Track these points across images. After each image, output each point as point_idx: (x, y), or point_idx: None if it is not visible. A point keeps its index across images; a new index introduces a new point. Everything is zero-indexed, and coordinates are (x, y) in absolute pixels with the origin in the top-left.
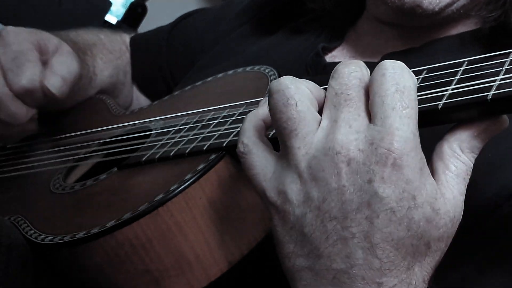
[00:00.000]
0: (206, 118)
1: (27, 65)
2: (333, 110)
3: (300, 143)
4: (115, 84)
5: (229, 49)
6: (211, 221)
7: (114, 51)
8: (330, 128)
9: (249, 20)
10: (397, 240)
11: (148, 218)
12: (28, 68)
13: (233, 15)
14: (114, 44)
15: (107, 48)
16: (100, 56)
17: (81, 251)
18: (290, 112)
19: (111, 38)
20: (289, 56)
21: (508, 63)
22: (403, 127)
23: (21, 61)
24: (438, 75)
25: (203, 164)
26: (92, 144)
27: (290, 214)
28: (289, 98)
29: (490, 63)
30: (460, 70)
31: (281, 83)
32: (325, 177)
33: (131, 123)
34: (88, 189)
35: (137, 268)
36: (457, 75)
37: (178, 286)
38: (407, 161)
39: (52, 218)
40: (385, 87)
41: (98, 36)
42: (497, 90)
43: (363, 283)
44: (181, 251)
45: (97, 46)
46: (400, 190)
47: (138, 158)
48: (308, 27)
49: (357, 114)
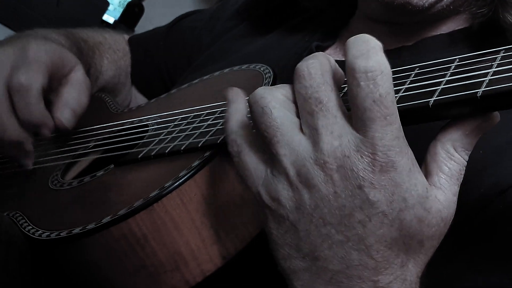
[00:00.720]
0: (203, 114)
1: (33, 68)
2: (309, 118)
3: (286, 151)
4: (116, 84)
5: (225, 49)
6: (205, 217)
7: (118, 51)
8: (313, 137)
9: (244, 21)
10: (390, 240)
11: (144, 214)
12: (32, 70)
13: (229, 16)
14: (118, 44)
15: (112, 48)
16: (107, 56)
17: (77, 247)
18: (267, 121)
19: (115, 38)
20: (284, 55)
21: (498, 59)
22: (386, 136)
23: (31, 65)
24: (429, 71)
25: (198, 161)
26: (90, 140)
27: (284, 218)
28: (264, 107)
29: (481, 60)
30: (452, 67)
31: (255, 95)
32: (316, 184)
33: (129, 121)
34: (85, 185)
35: (133, 263)
36: (448, 72)
37: (173, 281)
38: (394, 166)
39: (49, 214)
40: (360, 99)
41: (103, 36)
42: (487, 87)
43: (360, 281)
44: (176, 246)
45: (103, 45)
46: (389, 193)
47: (135, 155)
48: (302, 27)
49: (333, 117)
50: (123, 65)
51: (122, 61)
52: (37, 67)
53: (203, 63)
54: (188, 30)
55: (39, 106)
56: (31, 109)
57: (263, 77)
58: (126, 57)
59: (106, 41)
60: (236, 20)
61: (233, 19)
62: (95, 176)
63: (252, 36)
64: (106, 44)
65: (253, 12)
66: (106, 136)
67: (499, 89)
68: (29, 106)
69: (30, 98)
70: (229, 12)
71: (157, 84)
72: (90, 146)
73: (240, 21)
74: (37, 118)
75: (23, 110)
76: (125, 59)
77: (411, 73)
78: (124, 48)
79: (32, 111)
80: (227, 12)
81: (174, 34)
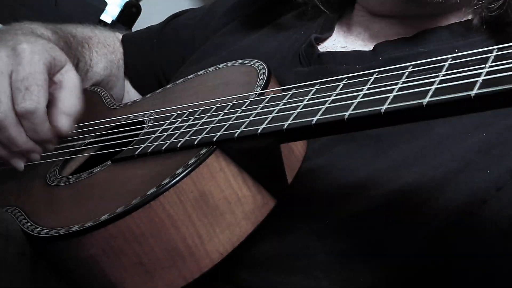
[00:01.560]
0: (198, 111)
1: (34, 88)
2: None
3: None
4: (109, 76)
5: (219, 45)
6: (202, 214)
7: (108, 45)
8: None
9: (238, 17)
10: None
11: (141, 212)
12: (34, 91)
13: (222, 13)
14: (108, 39)
15: (101, 42)
16: (96, 50)
17: (76, 244)
18: None
19: (105, 33)
20: (279, 49)
21: (491, 59)
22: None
23: (30, 83)
24: (423, 70)
25: (194, 159)
26: (87, 137)
27: None
28: None
29: (474, 58)
30: (445, 66)
31: None
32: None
33: (124, 116)
34: (83, 182)
35: (131, 260)
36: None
37: (171, 277)
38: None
39: (47, 211)
40: None
41: (93, 31)
42: (480, 88)
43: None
44: (174, 243)
45: (92, 39)
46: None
47: (131, 152)
48: (294, 22)
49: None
50: (114, 58)
51: (112, 55)
52: (38, 87)
53: (197, 58)
54: (182, 27)
55: (45, 126)
56: (38, 130)
57: (258, 72)
58: (117, 51)
59: (96, 36)
60: (229, 17)
61: (226, 16)
62: (92, 173)
63: (246, 31)
64: (96, 38)
65: (246, 8)
66: (103, 132)
67: (493, 90)
68: (36, 128)
69: (36, 120)
70: (222, 10)
71: (150, 81)
72: (87, 141)
73: (233, 18)
74: (44, 137)
75: (31, 131)
76: (116, 53)
77: (405, 71)
78: (114, 43)
79: (39, 131)
80: (220, 10)
81: (167, 32)
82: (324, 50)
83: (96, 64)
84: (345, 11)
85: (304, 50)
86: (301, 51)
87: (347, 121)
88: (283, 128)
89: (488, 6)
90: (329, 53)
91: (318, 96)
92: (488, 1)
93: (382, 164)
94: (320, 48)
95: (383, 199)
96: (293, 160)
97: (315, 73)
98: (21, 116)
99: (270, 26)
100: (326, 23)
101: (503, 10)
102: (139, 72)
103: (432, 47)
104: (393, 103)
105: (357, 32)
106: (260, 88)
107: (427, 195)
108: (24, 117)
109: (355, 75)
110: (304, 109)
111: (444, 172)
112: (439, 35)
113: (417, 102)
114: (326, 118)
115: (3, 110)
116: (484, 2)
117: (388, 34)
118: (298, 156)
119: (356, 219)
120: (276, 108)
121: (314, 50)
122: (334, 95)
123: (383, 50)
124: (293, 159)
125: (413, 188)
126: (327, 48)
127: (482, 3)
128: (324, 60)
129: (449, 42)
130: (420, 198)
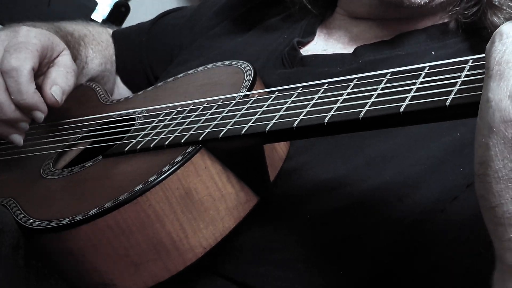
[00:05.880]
0: (186, 110)
1: (23, 50)
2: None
3: None
4: (103, 72)
5: (207, 46)
6: (187, 210)
7: (101, 42)
8: None
9: (226, 19)
10: None
11: (128, 207)
12: (22, 52)
13: (211, 14)
14: (101, 35)
15: (96, 39)
16: (91, 47)
17: (66, 236)
18: None
19: (98, 30)
20: (264, 51)
21: (467, 69)
22: None
23: (20, 47)
24: (401, 77)
25: (180, 157)
26: (80, 131)
27: None
28: None
29: (450, 68)
30: (422, 74)
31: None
32: None
33: (117, 113)
34: (74, 175)
35: (118, 252)
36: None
37: (156, 269)
38: None
39: (40, 203)
40: None
41: (87, 28)
42: (456, 95)
43: None
44: (159, 237)
45: (87, 36)
46: None
47: (121, 148)
48: (279, 25)
49: None
50: (107, 54)
51: (106, 51)
52: (27, 49)
53: (186, 58)
54: (170, 27)
55: (30, 86)
56: (22, 90)
57: (244, 74)
58: (110, 48)
59: (90, 33)
60: (217, 19)
61: (214, 18)
62: (84, 167)
63: (234, 33)
64: (90, 36)
65: (234, 11)
66: (95, 128)
67: (467, 98)
68: (20, 86)
69: (21, 78)
70: (211, 11)
71: (139, 78)
72: (80, 136)
73: (220, 20)
74: (29, 98)
75: (15, 91)
76: (108, 49)
77: (383, 78)
78: (107, 40)
79: (23, 91)
80: (209, 11)
81: (156, 30)
82: (306, 53)
83: (91, 61)
84: (326, 15)
85: (287, 53)
86: (284, 54)
87: (326, 125)
88: (265, 130)
89: (463, 12)
90: (311, 56)
91: (300, 99)
92: (463, 8)
93: (360, 161)
94: (302, 52)
95: (361, 195)
96: (275, 158)
97: (298, 75)
98: (5, 73)
99: (256, 29)
100: (308, 27)
101: (477, 17)
102: (128, 69)
103: (410, 49)
104: (370, 111)
105: (337, 35)
106: (245, 89)
107: (403, 192)
108: (8, 75)
109: (336, 80)
110: (286, 112)
111: (420, 170)
112: (417, 38)
113: (394, 109)
114: (306, 122)
115: None
116: (459, 9)
117: (367, 37)
118: (280, 155)
119: (335, 215)
120: (260, 110)
121: (297, 53)
122: (316, 99)
123: (363, 52)
124: (275, 158)
125: (390, 185)
126: (308, 52)
127: (457, 9)
128: (306, 62)
129: (426, 45)
130: (397, 195)
